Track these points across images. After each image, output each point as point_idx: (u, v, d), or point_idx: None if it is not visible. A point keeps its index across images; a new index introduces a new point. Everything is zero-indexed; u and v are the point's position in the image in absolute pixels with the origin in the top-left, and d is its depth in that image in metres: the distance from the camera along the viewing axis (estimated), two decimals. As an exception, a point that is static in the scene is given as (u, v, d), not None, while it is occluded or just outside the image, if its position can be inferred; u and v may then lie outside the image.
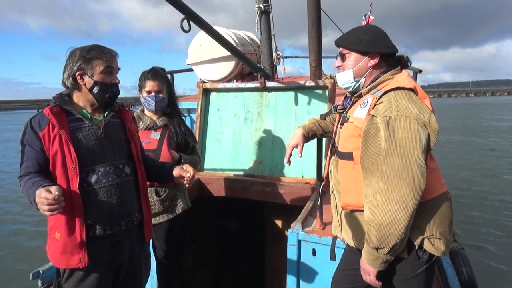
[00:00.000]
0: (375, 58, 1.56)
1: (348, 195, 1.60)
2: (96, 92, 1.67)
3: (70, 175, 1.58)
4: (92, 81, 1.65)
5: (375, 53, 1.55)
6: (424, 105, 1.45)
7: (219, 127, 3.44)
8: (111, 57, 1.69)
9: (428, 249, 1.47)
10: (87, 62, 1.64)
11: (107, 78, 1.68)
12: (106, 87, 1.68)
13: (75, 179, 1.58)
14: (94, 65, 1.65)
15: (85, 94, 1.69)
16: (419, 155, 1.36)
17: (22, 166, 1.59)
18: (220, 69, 4.19)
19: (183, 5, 1.91)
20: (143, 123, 2.50)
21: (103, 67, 1.66)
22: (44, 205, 1.35)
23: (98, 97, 1.68)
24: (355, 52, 1.59)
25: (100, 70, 1.66)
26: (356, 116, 1.53)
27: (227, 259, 4.15)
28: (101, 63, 1.65)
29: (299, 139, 1.91)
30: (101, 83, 1.66)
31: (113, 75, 1.71)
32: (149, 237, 1.93)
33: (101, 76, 1.66)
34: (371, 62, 1.56)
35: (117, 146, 1.75)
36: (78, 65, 1.64)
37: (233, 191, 3.15)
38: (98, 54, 1.65)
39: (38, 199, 1.37)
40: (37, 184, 1.46)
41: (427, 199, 1.46)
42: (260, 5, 3.16)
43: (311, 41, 3.21)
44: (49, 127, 1.57)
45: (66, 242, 1.58)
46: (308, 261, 2.12)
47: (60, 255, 1.61)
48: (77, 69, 1.64)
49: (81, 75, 1.65)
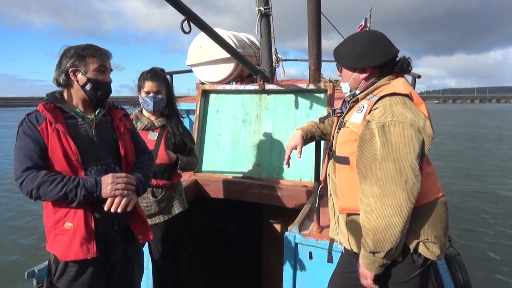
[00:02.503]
0: (366, 71, 1.57)
1: (345, 199, 1.61)
2: (89, 89, 1.68)
3: (75, 166, 1.59)
4: (85, 78, 1.66)
5: (363, 67, 1.56)
6: (419, 111, 1.46)
7: (217, 129, 3.44)
8: (105, 57, 1.70)
9: (423, 253, 1.48)
10: (81, 59, 1.65)
11: (100, 76, 1.69)
12: (99, 85, 1.69)
13: (80, 171, 1.60)
14: (88, 62, 1.66)
15: (76, 91, 1.69)
16: (413, 160, 1.37)
17: (22, 159, 1.53)
18: (219, 71, 4.19)
19: (183, 6, 1.91)
20: (141, 124, 2.50)
21: (97, 65, 1.67)
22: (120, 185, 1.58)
23: (90, 94, 1.69)
24: (344, 68, 1.63)
25: (94, 68, 1.67)
26: (353, 121, 1.54)
27: (224, 261, 4.14)
28: (95, 61, 1.67)
29: (298, 141, 1.92)
30: (94, 81, 1.67)
31: (106, 74, 1.72)
32: (146, 238, 1.86)
33: (94, 73, 1.67)
34: (362, 75, 1.59)
35: (108, 145, 1.75)
36: (72, 61, 1.64)
37: (230, 193, 3.15)
38: (92, 52, 1.66)
39: (109, 182, 1.56)
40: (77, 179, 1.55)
41: (423, 203, 1.46)
42: (260, 7, 3.17)
43: (311, 45, 3.22)
44: (47, 122, 1.57)
45: (77, 232, 1.58)
46: (304, 264, 2.13)
47: (68, 245, 1.59)
48: (71, 66, 1.64)
49: (74, 72, 1.66)
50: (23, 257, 6.05)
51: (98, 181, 1.57)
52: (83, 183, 1.54)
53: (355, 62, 1.57)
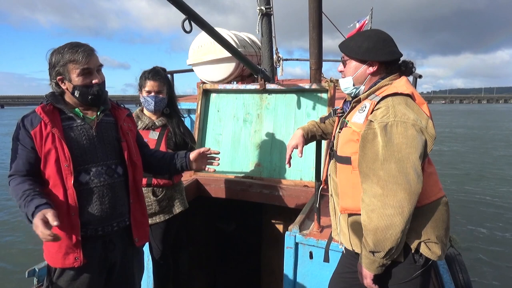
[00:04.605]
0: (374, 65, 1.56)
1: (346, 199, 1.60)
2: (78, 96, 1.63)
3: (64, 173, 1.56)
4: (71, 85, 1.61)
5: (373, 61, 1.56)
6: (422, 111, 1.46)
7: (218, 128, 3.44)
8: (86, 57, 1.58)
9: (425, 253, 1.48)
10: (63, 66, 1.58)
11: (86, 80, 1.61)
12: (86, 90, 1.62)
13: (69, 178, 1.57)
14: (70, 69, 1.58)
15: (70, 96, 1.66)
16: (415, 161, 1.36)
17: (13, 164, 1.57)
18: (220, 70, 4.19)
19: (184, 5, 1.91)
20: (142, 123, 2.50)
21: (79, 70, 1.58)
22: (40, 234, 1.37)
23: (81, 99, 1.65)
24: (354, 60, 1.60)
25: (77, 73, 1.59)
26: (355, 121, 1.54)
27: (224, 260, 4.14)
28: (76, 67, 1.58)
29: (299, 140, 1.91)
30: (80, 87, 1.61)
31: (93, 75, 1.62)
32: (142, 240, 1.85)
33: (79, 79, 1.60)
34: (370, 70, 1.57)
35: (109, 145, 1.72)
36: (56, 70, 1.60)
37: (231, 192, 3.15)
38: (71, 56, 1.57)
39: (35, 226, 1.37)
40: (29, 199, 1.46)
41: (424, 203, 1.46)
42: (261, 7, 3.17)
43: (312, 44, 3.21)
44: (41, 126, 1.55)
45: (61, 241, 1.55)
46: (305, 264, 2.12)
47: (55, 254, 1.59)
48: (56, 75, 1.60)
49: (61, 80, 1.62)
50: (24, 255, 6.06)
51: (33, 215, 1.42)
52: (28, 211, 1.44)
53: (365, 54, 1.56)
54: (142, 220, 1.85)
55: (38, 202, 1.44)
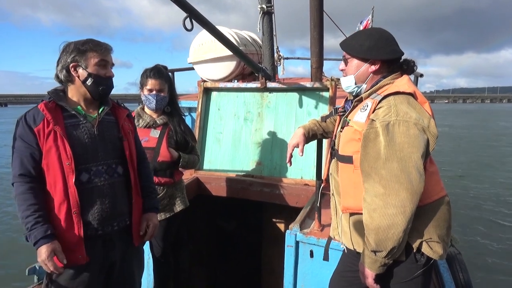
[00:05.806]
0: (376, 64, 1.56)
1: (348, 198, 1.60)
2: (90, 84, 1.65)
3: (66, 171, 1.56)
4: (86, 73, 1.64)
5: (375, 59, 1.55)
6: (424, 109, 1.45)
7: (219, 127, 3.43)
8: (106, 51, 1.67)
9: (426, 252, 1.47)
10: (81, 54, 1.62)
11: (101, 71, 1.66)
12: (100, 80, 1.66)
13: (71, 176, 1.56)
14: (89, 57, 1.63)
15: (78, 87, 1.67)
16: (417, 160, 1.36)
17: (16, 163, 1.55)
18: (221, 69, 4.18)
19: (186, 4, 1.90)
20: (143, 121, 2.50)
21: (98, 60, 1.64)
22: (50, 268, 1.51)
23: (92, 89, 1.66)
24: (355, 58, 1.60)
25: (95, 62, 1.64)
26: (356, 120, 1.53)
27: (225, 259, 4.14)
28: (95, 56, 1.64)
29: (300, 138, 1.91)
30: (95, 75, 1.64)
31: (107, 69, 1.69)
32: (137, 242, 1.85)
33: (95, 68, 1.64)
34: (372, 68, 1.57)
35: (110, 144, 1.72)
36: (72, 57, 1.62)
37: (231, 191, 3.15)
38: (93, 46, 1.64)
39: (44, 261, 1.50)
40: (33, 222, 1.49)
41: (426, 202, 1.46)
42: (262, 5, 3.16)
43: (313, 43, 3.21)
44: (44, 123, 1.55)
45: (64, 240, 1.56)
46: (305, 263, 2.12)
47: None
48: (71, 61, 1.62)
49: (75, 67, 1.63)
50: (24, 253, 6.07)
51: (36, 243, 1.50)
52: (31, 229, 1.50)
53: (368, 53, 1.55)
54: (141, 221, 1.86)
55: (43, 232, 1.50)
